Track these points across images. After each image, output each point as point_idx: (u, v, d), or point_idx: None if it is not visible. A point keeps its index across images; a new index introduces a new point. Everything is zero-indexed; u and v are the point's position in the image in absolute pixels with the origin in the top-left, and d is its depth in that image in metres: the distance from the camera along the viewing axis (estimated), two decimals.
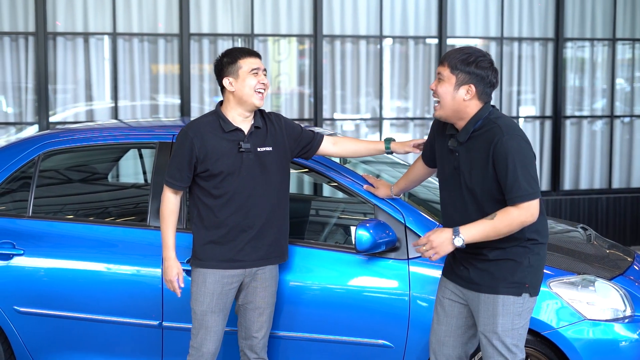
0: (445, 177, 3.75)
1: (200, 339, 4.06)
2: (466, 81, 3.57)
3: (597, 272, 4.33)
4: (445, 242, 3.50)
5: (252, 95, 4.01)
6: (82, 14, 8.28)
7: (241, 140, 4.02)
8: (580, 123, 9.65)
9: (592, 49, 9.67)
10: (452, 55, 3.61)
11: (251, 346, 4.15)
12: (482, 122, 3.60)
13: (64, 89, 8.33)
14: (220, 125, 4.03)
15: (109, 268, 4.54)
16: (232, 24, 8.62)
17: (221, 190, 3.99)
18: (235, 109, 4.05)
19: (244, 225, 4.02)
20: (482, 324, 3.65)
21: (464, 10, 9.20)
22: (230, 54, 4.07)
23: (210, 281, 4.02)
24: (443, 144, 3.77)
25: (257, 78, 4.02)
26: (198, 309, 4.05)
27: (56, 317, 4.57)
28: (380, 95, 9.07)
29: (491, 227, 3.48)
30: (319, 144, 4.28)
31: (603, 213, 9.57)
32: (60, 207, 5.10)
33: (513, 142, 3.48)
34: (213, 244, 4.02)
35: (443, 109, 3.63)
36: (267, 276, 4.13)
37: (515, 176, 3.45)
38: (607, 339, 4.11)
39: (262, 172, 4.04)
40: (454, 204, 3.70)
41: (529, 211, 3.47)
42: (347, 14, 8.91)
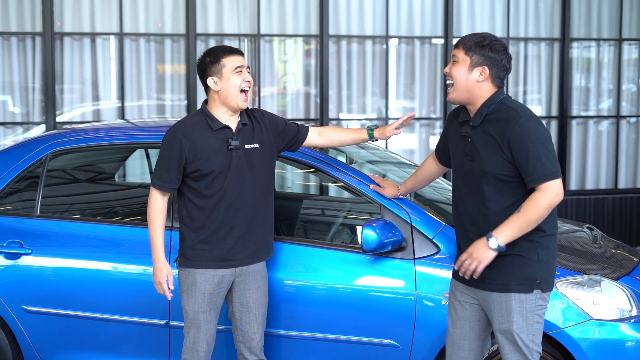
0: (457, 166, 3.77)
1: (193, 337, 4.06)
2: (480, 63, 3.61)
3: (603, 272, 4.34)
4: (482, 249, 3.52)
5: (237, 95, 3.98)
6: (89, 14, 8.30)
7: (230, 137, 3.99)
8: (586, 123, 9.65)
9: (598, 49, 9.66)
10: (466, 38, 3.67)
11: (250, 349, 4.14)
12: (495, 106, 3.63)
13: (71, 89, 8.36)
14: (208, 123, 4.00)
15: (116, 267, 4.56)
16: (238, 24, 8.64)
17: (212, 190, 3.97)
18: (220, 108, 4.03)
19: (233, 224, 4.01)
20: (497, 322, 3.64)
21: (470, 10, 9.20)
22: (213, 53, 4.02)
23: (201, 281, 4.01)
24: (456, 134, 3.79)
25: (242, 76, 3.99)
26: (190, 308, 4.04)
27: (63, 316, 4.59)
28: (386, 95, 9.08)
29: (521, 219, 3.49)
30: (305, 136, 4.27)
31: (609, 213, 9.56)
32: (68, 207, 5.12)
33: (530, 124, 3.51)
34: (203, 243, 4.01)
35: (456, 90, 3.66)
36: (258, 277, 4.13)
37: (536, 156, 3.47)
38: (613, 339, 4.11)
39: (250, 169, 4.03)
40: (465, 192, 3.71)
41: (552, 191, 3.47)
42: (353, 14, 8.92)
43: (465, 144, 3.70)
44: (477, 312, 3.76)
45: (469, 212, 3.68)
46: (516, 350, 3.62)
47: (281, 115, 8.66)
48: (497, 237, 3.50)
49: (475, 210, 3.65)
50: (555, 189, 3.48)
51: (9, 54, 8.21)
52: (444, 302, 4.17)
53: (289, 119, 8.48)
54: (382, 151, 5.75)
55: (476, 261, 3.54)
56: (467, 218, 3.70)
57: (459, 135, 3.76)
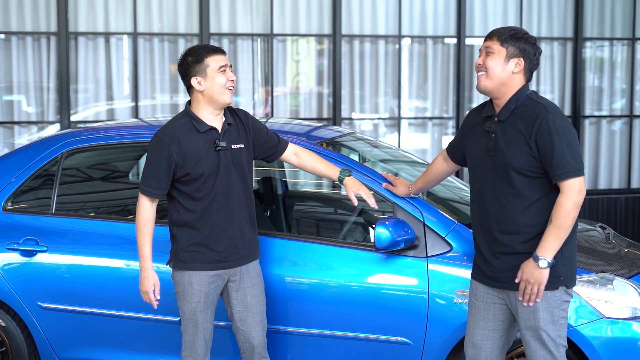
0: (477, 163, 3.77)
1: (192, 335, 4.08)
2: (516, 54, 3.64)
3: (616, 270, 4.33)
4: (536, 272, 3.56)
5: (222, 92, 3.95)
6: (103, 14, 8.35)
7: (217, 139, 3.97)
8: (599, 123, 9.63)
9: (611, 49, 9.64)
10: (500, 30, 3.69)
11: (253, 348, 4.15)
12: (523, 100, 3.65)
13: (85, 89, 8.41)
14: (194, 126, 3.96)
15: (131, 265, 4.58)
16: (251, 24, 8.67)
17: (202, 192, 3.96)
18: (205, 108, 3.99)
19: (225, 225, 4.00)
20: (522, 319, 3.66)
21: (482, 10, 9.20)
22: (195, 52, 3.97)
23: (197, 281, 4.01)
24: (476, 130, 3.80)
25: (226, 75, 3.96)
26: (187, 308, 4.05)
27: (79, 313, 4.63)
28: (399, 95, 9.09)
29: (557, 229, 3.52)
30: (283, 150, 4.24)
31: (622, 213, 9.55)
32: (83, 205, 5.15)
33: (557, 120, 3.54)
34: (197, 245, 4.00)
35: (490, 79, 3.66)
36: (253, 275, 4.13)
37: (561, 153, 3.50)
38: (625, 337, 4.10)
39: (236, 170, 4.02)
40: (486, 189, 3.71)
41: (575, 189, 3.51)
42: (366, 14, 8.93)
43: (488, 140, 3.70)
44: (501, 312, 3.77)
45: (492, 211, 3.68)
46: (543, 346, 3.65)
47: (294, 115, 8.70)
48: (543, 257, 3.54)
49: (499, 208, 3.66)
50: (577, 186, 3.51)
51: (24, 53, 8.27)
52: (456, 300, 4.18)
53: (302, 118, 8.51)
54: (395, 150, 5.76)
55: (536, 285, 3.57)
56: (489, 217, 3.70)
57: (481, 131, 3.76)
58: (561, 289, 3.65)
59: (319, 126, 5.81)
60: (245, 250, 4.09)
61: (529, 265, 3.57)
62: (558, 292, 3.64)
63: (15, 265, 4.68)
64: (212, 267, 4.02)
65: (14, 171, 4.87)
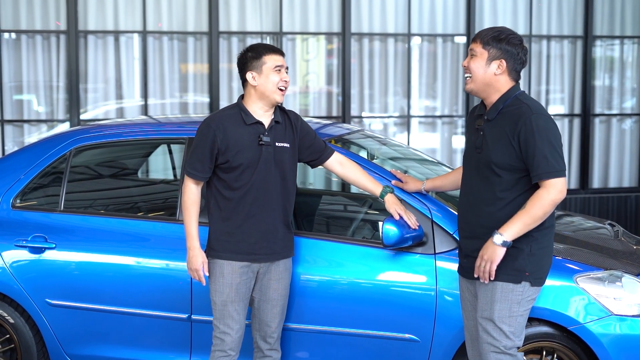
0: (467, 159, 3.86)
1: (223, 328, 4.11)
2: (498, 56, 3.69)
3: (624, 267, 4.32)
4: (490, 248, 3.61)
5: (274, 91, 4.07)
6: (112, 12, 8.37)
7: (262, 133, 4.07)
8: (609, 121, 9.60)
9: (621, 47, 9.61)
10: (483, 32, 3.75)
11: (264, 336, 4.20)
12: (511, 100, 3.71)
13: (95, 87, 8.43)
14: (242, 117, 4.07)
15: (139, 262, 4.59)
16: (260, 22, 8.67)
17: (239, 183, 4.04)
18: (256, 103, 4.11)
19: (259, 218, 4.07)
20: (480, 309, 3.72)
21: (492, 8, 9.18)
22: (256, 49, 4.12)
23: (228, 272, 4.08)
24: (471, 127, 3.88)
25: (280, 75, 4.08)
26: (218, 299, 4.10)
27: (87, 310, 4.63)
28: (409, 94, 9.08)
29: (526, 215, 3.58)
30: (327, 158, 4.30)
31: (632, 211, 9.51)
32: (91, 202, 5.17)
33: (541, 121, 3.59)
34: (228, 235, 4.08)
35: (474, 82, 3.73)
36: (281, 269, 4.19)
37: (542, 153, 3.55)
38: (634, 335, 4.09)
39: (277, 167, 4.09)
40: (470, 183, 3.79)
41: (556, 188, 3.57)
42: (375, 12, 8.93)
43: (477, 137, 3.78)
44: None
45: (473, 205, 3.75)
46: (493, 339, 3.69)
47: (304, 113, 8.70)
48: (502, 233, 3.59)
49: (480, 203, 3.73)
50: (558, 186, 3.57)
51: (33, 52, 8.30)
52: None
53: (312, 116, 8.51)
54: (405, 148, 5.76)
55: (488, 262, 3.62)
56: (471, 211, 3.77)
57: (473, 130, 3.84)
58: (524, 284, 3.68)
59: (328, 123, 5.81)
60: (277, 247, 4.14)
61: (487, 242, 3.62)
62: (520, 287, 3.68)
63: (24, 263, 4.69)
64: (242, 258, 4.08)
65: (23, 168, 4.88)
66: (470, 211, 3.78)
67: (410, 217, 4.18)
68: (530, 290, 3.72)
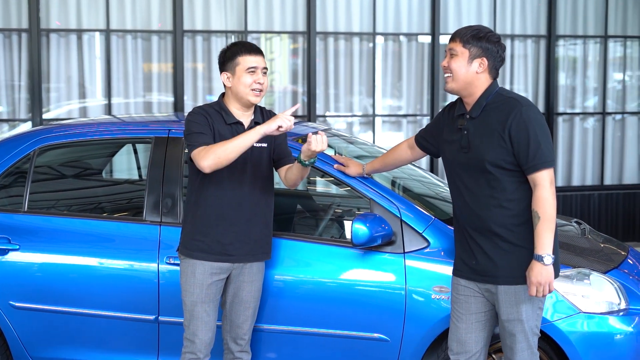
0: (453, 160, 3.80)
1: (193, 330, 4.07)
2: (479, 55, 3.69)
3: (592, 265, 4.35)
4: (543, 271, 3.56)
5: (247, 93, 4.01)
6: (75, 10, 8.26)
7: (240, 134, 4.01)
8: (572, 120, 9.69)
9: (584, 47, 9.70)
10: (462, 31, 3.75)
11: (235, 338, 4.17)
12: (493, 96, 3.71)
13: (57, 87, 8.32)
14: (223, 117, 4.04)
15: (105, 263, 4.54)
16: (225, 21, 8.62)
17: (216, 181, 4.00)
18: (234, 104, 4.08)
19: (232, 218, 4.03)
20: (504, 313, 3.70)
21: (456, 8, 9.22)
22: (232, 48, 4.07)
23: (199, 272, 4.04)
24: (450, 127, 3.84)
25: (253, 77, 4.00)
26: (188, 299, 4.06)
27: (52, 312, 4.57)
28: (373, 93, 9.08)
29: (547, 223, 3.57)
30: (283, 164, 4.17)
31: (595, 209, 9.60)
32: (56, 202, 5.09)
33: (531, 113, 3.61)
34: (202, 235, 4.03)
35: (455, 81, 3.72)
36: (255, 270, 4.15)
37: (537, 144, 3.56)
38: (602, 332, 4.12)
39: (254, 167, 4.06)
40: (464, 184, 3.75)
41: (549, 180, 3.59)
42: (341, 11, 8.92)
43: (461, 137, 3.74)
44: (482, 304, 3.80)
45: (472, 206, 3.72)
46: (523, 338, 3.70)
47: None
48: (544, 254, 3.56)
49: (478, 202, 3.70)
50: (550, 177, 3.60)
51: None
52: (434, 296, 4.17)
53: None
54: (370, 146, 5.75)
55: (547, 284, 3.58)
56: (470, 212, 3.72)
57: (454, 129, 3.80)
58: None
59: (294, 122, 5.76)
60: (252, 248, 4.10)
61: (536, 267, 3.58)
62: None
63: None
64: (215, 259, 4.04)
65: None
66: (470, 212, 3.72)
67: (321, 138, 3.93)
68: None
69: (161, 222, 4.47)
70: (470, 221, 3.73)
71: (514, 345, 3.71)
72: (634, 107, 9.92)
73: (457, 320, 3.83)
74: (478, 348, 3.82)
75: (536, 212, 3.57)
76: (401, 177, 5.19)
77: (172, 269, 4.36)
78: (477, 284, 3.76)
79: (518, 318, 3.68)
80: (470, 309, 3.80)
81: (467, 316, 3.81)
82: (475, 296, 3.79)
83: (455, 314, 3.84)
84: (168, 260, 4.40)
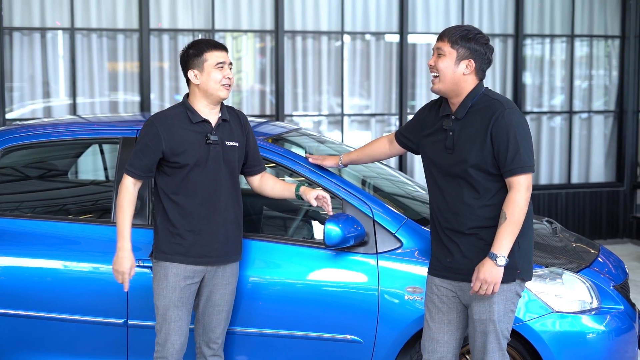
0: (435, 160, 3.77)
1: (165, 334, 4.01)
2: (466, 56, 3.66)
3: (564, 264, 4.36)
4: (492, 270, 3.54)
5: (217, 88, 3.99)
6: (39, 8, 8.13)
7: (209, 132, 3.99)
8: (539, 119, 9.73)
9: (551, 46, 9.75)
10: (451, 31, 3.69)
11: (208, 342, 4.12)
12: (479, 97, 3.68)
13: (21, 86, 8.19)
14: (188, 116, 3.99)
15: (72, 266, 4.46)
16: (192, 19, 8.54)
17: (187, 183, 3.96)
18: (201, 101, 4.03)
19: (209, 220, 3.99)
20: (477, 312, 3.68)
21: (425, 7, 9.22)
22: (197, 45, 4.03)
23: (172, 275, 3.98)
24: (433, 127, 3.80)
25: (222, 72, 4.00)
26: (160, 304, 4.00)
27: (17, 317, 4.47)
28: (342, 92, 9.05)
29: (511, 225, 3.54)
30: (257, 173, 4.21)
31: (562, 208, 9.66)
32: (20, 204, 5.00)
33: (514, 116, 3.59)
34: (179, 237, 3.98)
35: (442, 82, 3.68)
36: (228, 274, 4.11)
37: (516, 148, 3.56)
38: (574, 331, 4.13)
39: (226, 167, 4.02)
40: (444, 184, 3.72)
41: (525, 185, 3.58)
42: (309, 10, 8.88)
43: (446, 137, 3.72)
44: (455, 304, 3.78)
45: (451, 206, 3.70)
46: (494, 339, 3.68)
47: None
48: (500, 254, 3.54)
49: (458, 203, 3.67)
50: (527, 183, 3.59)
51: None
52: (407, 297, 4.15)
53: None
54: (339, 145, 5.72)
55: (492, 284, 3.55)
56: (449, 212, 3.70)
57: (438, 129, 3.78)
58: (517, 281, 3.68)
59: (263, 122, 5.73)
60: (227, 249, 4.06)
61: (487, 264, 3.56)
62: (513, 285, 3.68)
63: None
64: (192, 262, 3.98)
65: None
66: (449, 212, 3.70)
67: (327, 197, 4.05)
68: (522, 285, 3.73)
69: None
70: (448, 220, 3.71)
71: (486, 345, 3.69)
72: (600, 106, 10.00)
73: (431, 320, 3.82)
74: (451, 348, 3.80)
75: (504, 213, 3.57)
76: (371, 176, 5.16)
77: (140, 271, 4.28)
78: (452, 282, 3.74)
79: (490, 317, 3.66)
80: (444, 308, 3.78)
81: (440, 316, 3.79)
82: (449, 296, 3.77)
83: (429, 313, 3.83)
84: (137, 262, 4.33)
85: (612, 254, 5.01)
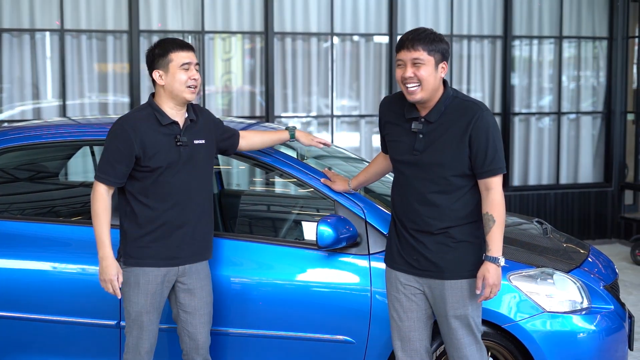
0: (402, 161, 3.77)
1: (136, 338, 3.99)
2: (441, 59, 3.67)
3: (555, 265, 4.38)
4: (498, 274, 3.64)
5: (183, 90, 3.92)
6: (28, 9, 8.11)
7: (178, 133, 3.93)
8: (528, 120, 9.76)
9: (539, 47, 9.78)
10: (421, 38, 3.64)
11: (197, 348, 4.08)
12: (450, 100, 3.70)
13: (10, 87, 8.16)
14: (157, 118, 3.92)
15: (62, 267, 4.44)
16: (182, 21, 8.53)
17: (157, 186, 3.90)
18: (167, 103, 3.96)
19: (179, 221, 3.94)
20: (451, 308, 3.71)
21: (414, 8, 9.23)
22: (162, 45, 3.95)
23: (144, 281, 3.93)
24: (399, 128, 3.80)
25: (188, 74, 3.92)
26: (132, 309, 3.96)
27: (8, 319, 4.45)
28: (331, 93, 9.06)
29: (500, 226, 3.64)
30: (238, 140, 4.23)
31: (551, 209, 9.69)
32: (9, 206, 4.98)
33: (490, 118, 3.66)
34: (149, 241, 3.93)
35: (425, 90, 3.66)
36: (202, 276, 4.07)
37: (495, 150, 3.62)
38: (565, 331, 4.15)
39: (196, 166, 3.97)
40: (412, 184, 3.74)
41: (500, 185, 3.67)
42: (298, 11, 8.88)
43: (415, 140, 3.71)
44: (422, 301, 3.82)
45: (418, 204, 3.72)
46: (470, 333, 3.74)
47: (225, 113, 8.61)
48: (499, 256, 3.63)
49: (426, 202, 3.70)
50: (501, 182, 3.68)
51: None
52: None
53: (234, 116, 8.41)
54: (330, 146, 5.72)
55: (498, 286, 3.66)
56: (415, 210, 3.72)
57: (404, 131, 3.77)
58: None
59: (253, 123, 5.73)
60: (198, 249, 4.02)
61: (491, 269, 3.62)
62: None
63: None
64: (163, 264, 3.94)
65: None
66: (415, 210, 3.72)
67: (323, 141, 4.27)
68: None
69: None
70: (415, 222, 3.73)
71: (463, 339, 3.74)
72: (588, 107, 10.04)
73: (400, 319, 3.83)
74: (422, 345, 3.84)
75: (491, 216, 3.61)
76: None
77: None
78: (418, 279, 3.78)
79: (465, 313, 3.71)
80: (413, 306, 3.81)
81: (410, 314, 3.82)
82: (416, 294, 3.80)
83: (397, 312, 3.84)
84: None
85: (601, 254, 5.04)
